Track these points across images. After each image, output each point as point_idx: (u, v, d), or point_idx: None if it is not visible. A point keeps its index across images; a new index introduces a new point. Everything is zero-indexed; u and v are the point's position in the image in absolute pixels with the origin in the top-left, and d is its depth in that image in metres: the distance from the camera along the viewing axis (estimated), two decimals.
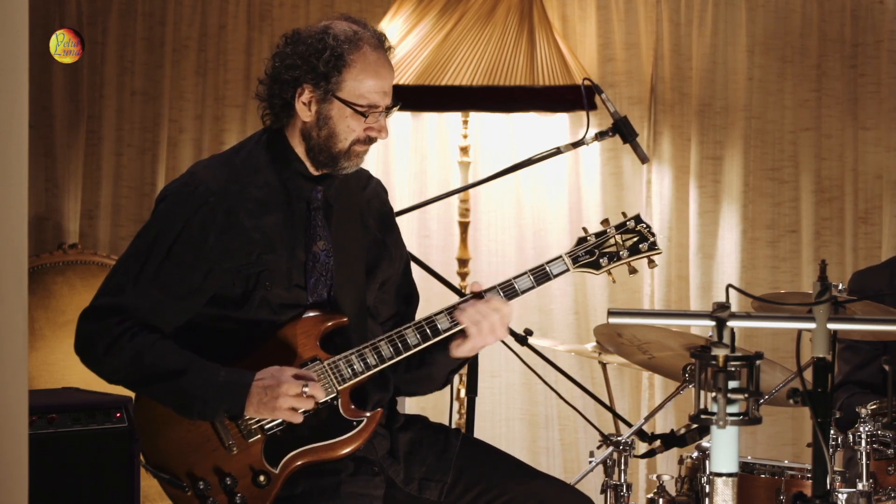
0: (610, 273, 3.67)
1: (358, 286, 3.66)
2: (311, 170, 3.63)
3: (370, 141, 3.60)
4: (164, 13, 5.56)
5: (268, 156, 3.62)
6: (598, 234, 3.67)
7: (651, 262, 3.69)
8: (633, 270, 3.69)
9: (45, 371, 4.99)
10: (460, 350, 3.64)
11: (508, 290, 3.62)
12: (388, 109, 3.60)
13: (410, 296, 3.82)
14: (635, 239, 3.67)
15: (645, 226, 3.68)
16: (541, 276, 3.63)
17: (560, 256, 3.65)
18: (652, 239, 3.68)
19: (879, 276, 4.59)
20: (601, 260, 3.65)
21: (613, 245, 3.66)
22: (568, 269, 3.65)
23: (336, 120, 3.57)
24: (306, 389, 3.46)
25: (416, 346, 3.58)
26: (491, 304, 3.59)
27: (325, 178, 3.64)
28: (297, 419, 3.50)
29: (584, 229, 3.68)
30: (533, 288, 3.63)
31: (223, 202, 3.54)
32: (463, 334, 3.62)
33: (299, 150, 3.62)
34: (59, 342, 5.03)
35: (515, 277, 3.63)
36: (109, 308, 3.52)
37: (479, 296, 3.61)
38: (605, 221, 3.69)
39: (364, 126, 3.57)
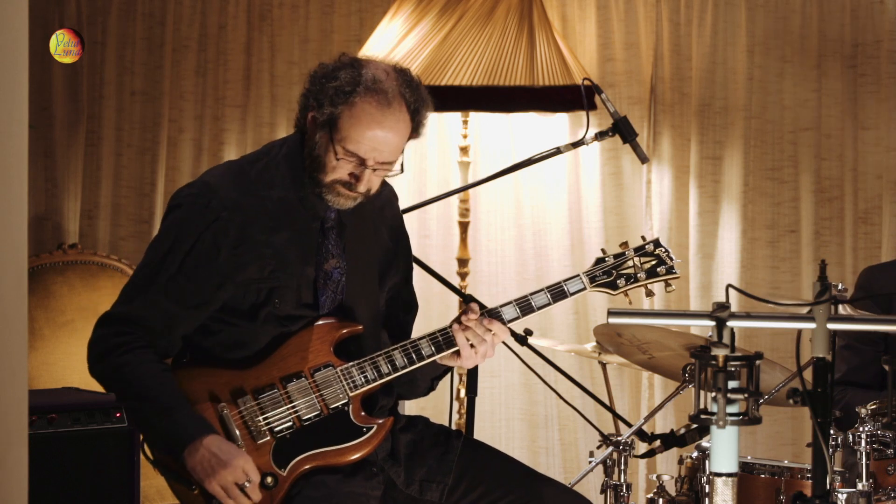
0: (626, 294, 3.70)
1: (372, 294, 3.66)
2: None
3: (351, 188, 3.56)
4: (164, 13, 5.56)
5: (287, 170, 3.61)
6: (616, 256, 3.69)
7: (668, 286, 3.72)
8: (649, 293, 3.73)
9: (44, 371, 4.99)
10: (446, 360, 3.66)
11: (524, 306, 3.63)
12: (375, 168, 3.55)
13: (410, 304, 3.83)
14: (653, 262, 3.70)
15: (664, 250, 3.71)
16: (558, 293, 3.65)
17: (578, 275, 3.68)
18: (670, 263, 3.71)
19: (888, 275, 4.58)
20: (618, 281, 3.68)
21: (631, 267, 3.69)
22: (585, 288, 3.67)
23: (324, 150, 3.55)
24: (247, 485, 3.46)
25: (429, 356, 3.59)
26: (487, 325, 3.60)
27: None
28: (227, 502, 3.48)
29: (603, 250, 3.72)
30: (549, 305, 3.65)
31: (236, 216, 3.54)
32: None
33: None
34: (58, 342, 5.03)
35: (532, 294, 3.65)
36: (118, 318, 3.56)
37: (474, 311, 3.62)
38: (625, 244, 3.71)
39: (347, 171, 3.54)
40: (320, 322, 3.59)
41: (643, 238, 3.73)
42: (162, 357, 3.59)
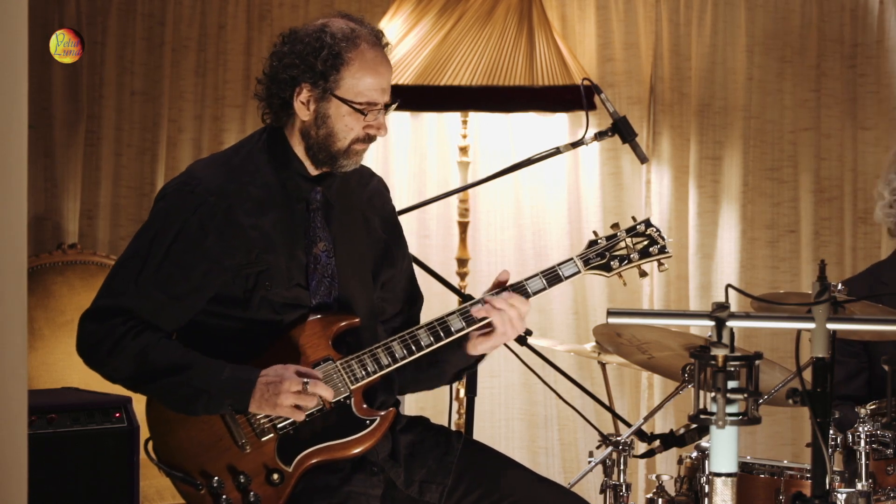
0: (620, 276, 3.70)
1: (367, 287, 3.66)
2: (311, 169, 3.64)
3: (369, 139, 3.61)
4: (164, 13, 5.57)
5: (267, 156, 3.63)
6: (608, 238, 3.70)
7: (660, 265, 3.73)
8: (643, 273, 3.73)
9: (44, 371, 4.99)
10: (479, 347, 3.65)
11: (520, 292, 3.63)
12: (386, 107, 3.61)
13: (415, 296, 3.83)
14: (645, 242, 3.71)
15: (655, 230, 3.72)
16: (552, 277, 3.66)
17: (571, 259, 3.68)
18: (662, 243, 3.71)
19: (860, 284, 4.60)
20: (612, 262, 3.69)
21: (624, 248, 3.69)
22: (579, 271, 3.67)
23: (334, 118, 3.58)
24: (308, 385, 3.47)
25: (428, 346, 3.59)
26: (511, 300, 3.60)
27: (324, 177, 3.64)
28: (299, 417, 3.50)
29: (595, 233, 3.71)
30: (545, 289, 3.65)
31: (222, 202, 3.55)
32: (477, 333, 3.63)
33: (298, 149, 3.62)
34: (58, 342, 5.03)
35: (527, 279, 3.65)
36: (111, 309, 3.52)
37: (497, 291, 3.62)
38: (616, 225, 3.72)
39: (363, 124, 3.58)
40: (317, 317, 3.59)
41: (633, 218, 3.74)
42: None
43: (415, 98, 5.13)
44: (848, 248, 5.56)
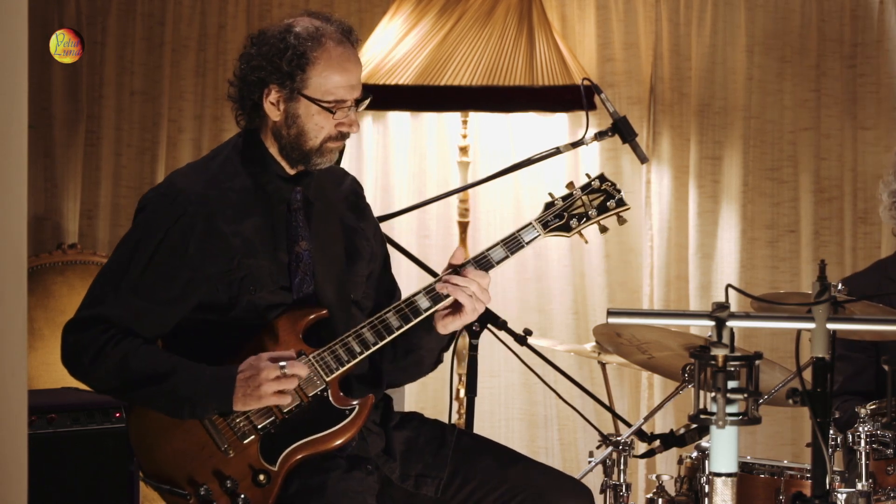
0: (581, 234, 3.69)
1: (338, 277, 3.66)
2: (288, 169, 3.64)
3: (342, 136, 3.61)
4: (164, 13, 5.57)
5: (244, 160, 3.63)
6: (564, 198, 3.69)
7: (620, 219, 3.71)
8: (603, 229, 3.71)
9: (44, 371, 4.99)
10: (450, 326, 3.64)
11: (483, 263, 3.63)
12: (357, 103, 3.61)
13: (392, 292, 3.83)
14: (602, 198, 3.70)
15: (610, 184, 3.70)
16: (513, 244, 3.65)
17: (531, 223, 3.68)
18: (619, 196, 3.70)
19: (867, 281, 4.60)
20: (571, 222, 3.67)
21: (581, 206, 3.68)
22: (539, 235, 3.67)
23: (304, 118, 3.58)
24: (284, 367, 3.46)
25: (398, 328, 3.58)
26: (470, 274, 3.59)
27: (302, 176, 3.65)
28: (285, 400, 3.49)
29: (551, 194, 3.70)
30: (507, 258, 3.64)
31: (202, 209, 3.55)
32: (444, 312, 3.62)
33: (273, 150, 3.63)
34: (58, 342, 5.01)
35: (488, 249, 3.65)
36: (92, 319, 3.52)
37: (455, 269, 3.61)
38: (570, 184, 3.70)
39: (334, 122, 3.58)
40: (286, 314, 3.58)
41: (588, 175, 3.72)
42: None
43: (415, 98, 5.13)
44: (848, 248, 5.56)
